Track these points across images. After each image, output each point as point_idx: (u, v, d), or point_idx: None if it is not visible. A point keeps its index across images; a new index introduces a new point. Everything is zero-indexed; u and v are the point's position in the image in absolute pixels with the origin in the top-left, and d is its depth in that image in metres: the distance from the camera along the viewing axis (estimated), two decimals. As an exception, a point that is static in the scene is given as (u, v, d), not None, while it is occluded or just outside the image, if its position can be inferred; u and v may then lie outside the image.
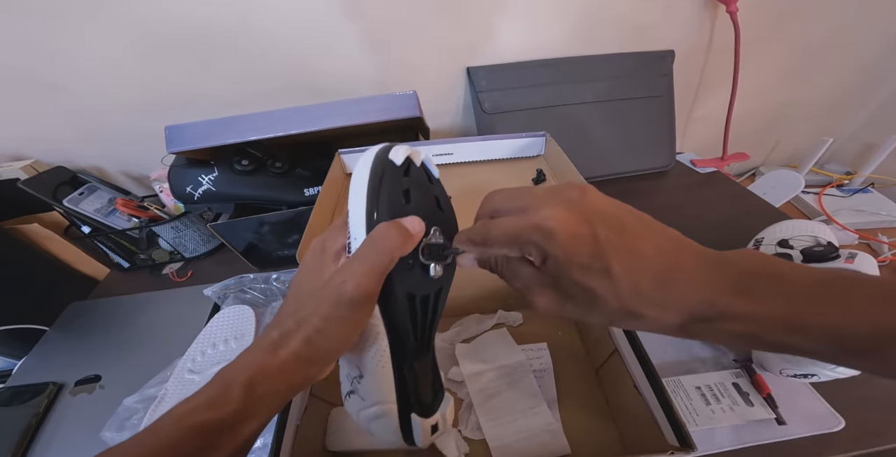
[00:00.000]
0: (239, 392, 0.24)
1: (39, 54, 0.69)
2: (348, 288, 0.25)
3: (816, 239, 0.60)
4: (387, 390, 0.31)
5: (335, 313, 0.25)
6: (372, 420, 0.32)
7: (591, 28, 0.84)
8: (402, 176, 0.30)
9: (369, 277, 0.25)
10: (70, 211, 0.72)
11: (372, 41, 0.78)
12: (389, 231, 0.26)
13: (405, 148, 0.31)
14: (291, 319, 0.26)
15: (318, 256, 0.29)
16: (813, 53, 0.97)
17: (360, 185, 0.29)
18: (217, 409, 0.24)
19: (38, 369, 0.64)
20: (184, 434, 0.23)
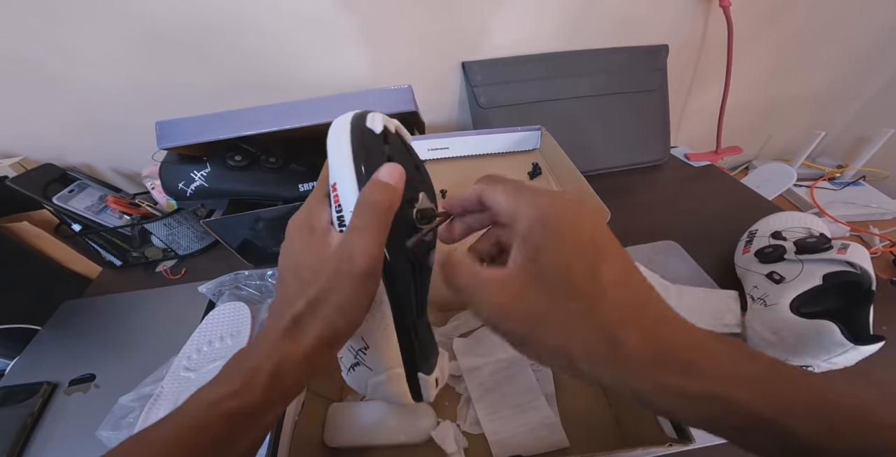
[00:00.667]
0: (265, 381, 0.24)
1: (28, 51, 0.68)
2: (359, 261, 0.24)
3: (809, 230, 0.60)
4: (394, 355, 0.32)
5: (351, 288, 0.25)
6: (380, 386, 0.33)
7: (586, 22, 0.84)
8: (382, 143, 0.30)
9: (373, 244, 0.25)
10: (60, 209, 0.71)
11: (367, 36, 0.77)
12: (376, 193, 0.26)
13: (380, 115, 0.30)
14: (300, 301, 0.25)
15: (308, 235, 0.28)
16: (805, 47, 0.97)
17: (341, 154, 0.28)
18: (244, 397, 0.24)
19: (32, 368, 0.64)
20: (212, 422, 0.23)
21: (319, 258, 0.26)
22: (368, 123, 0.29)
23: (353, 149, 0.28)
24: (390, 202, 0.26)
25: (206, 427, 0.23)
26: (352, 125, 0.29)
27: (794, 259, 0.54)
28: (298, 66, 0.79)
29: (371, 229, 0.25)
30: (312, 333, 0.25)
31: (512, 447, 0.45)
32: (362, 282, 0.25)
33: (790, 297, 0.50)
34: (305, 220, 0.29)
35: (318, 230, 0.28)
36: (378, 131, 0.29)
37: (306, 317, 0.25)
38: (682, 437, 0.34)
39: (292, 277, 0.28)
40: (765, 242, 0.61)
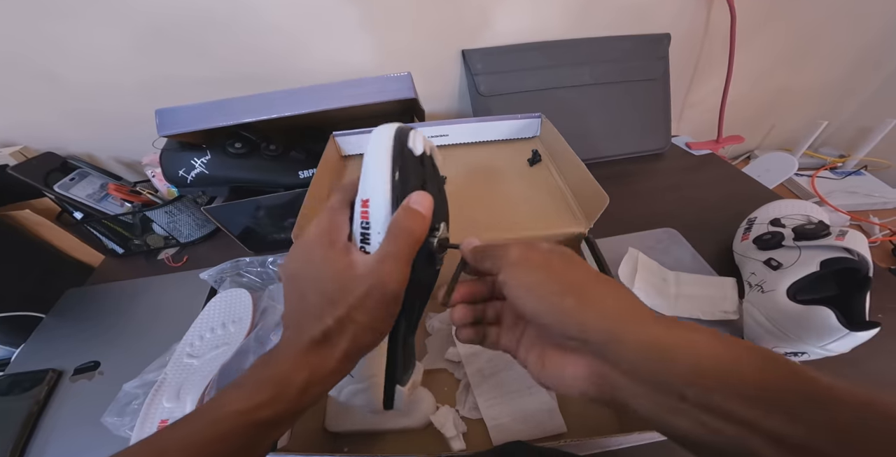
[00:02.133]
0: (296, 393, 0.26)
1: (28, 40, 0.68)
2: (390, 286, 0.27)
3: (808, 218, 0.60)
4: (378, 366, 0.33)
5: (381, 310, 0.27)
6: (356, 394, 0.34)
7: (588, 10, 0.83)
8: (420, 166, 0.30)
9: (404, 273, 0.27)
10: (62, 197, 0.71)
11: (367, 24, 0.76)
12: (410, 221, 0.28)
13: (422, 136, 0.30)
14: (329, 318, 0.26)
15: (328, 248, 0.28)
16: (809, 37, 0.96)
17: (380, 172, 0.28)
18: (274, 407, 0.25)
19: (37, 356, 0.65)
20: (241, 431, 0.24)
21: (347, 277, 0.27)
22: (410, 142, 0.29)
23: (392, 169, 0.28)
24: (423, 232, 0.28)
25: (229, 436, 0.24)
26: (394, 142, 0.29)
27: (792, 246, 0.54)
28: (298, 55, 0.79)
29: (404, 257, 0.27)
30: (341, 349, 0.27)
31: (510, 432, 0.46)
32: (393, 305, 0.28)
33: (787, 283, 0.50)
34: (326, 232, 0.29)
35: (338, 245, 0.29)
36: (418, 154, 0.30)
37: (335, 333, 0.27)
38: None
39: (313, 291, 0.28)
40: (764, 229, 0.61)
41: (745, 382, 0.19)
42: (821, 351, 0.46)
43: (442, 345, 0.55)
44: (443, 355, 0.54)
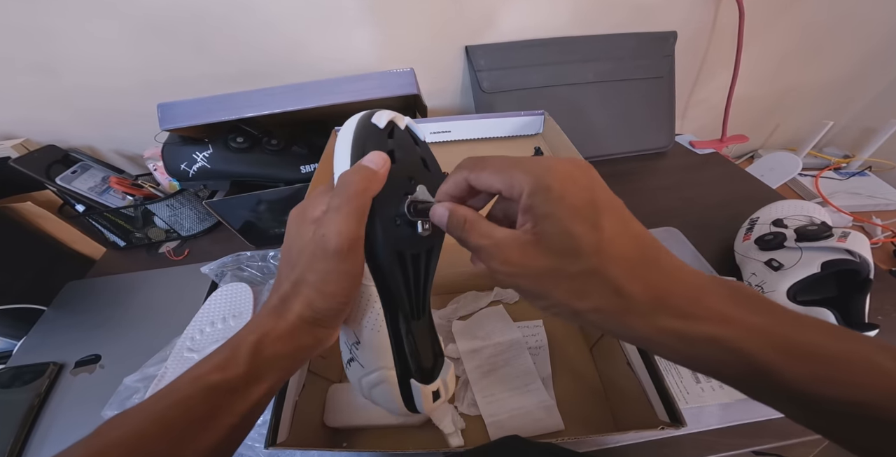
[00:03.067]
0: (246, 355, 0.25)
1: (31, 35, 0.68)
2: (330, 239, 0.25)
3: (811, 218, 0.60)
4: (385, 355, 0.31)
5: (325, 267, 0.26)
6: (373, 387, 0.32)
7: (593, 8, 0.83)
8: (385, 138, 0.30)
9: (347, 223, 0.25)
10: (63, 189, 0.71)
11: (370, 19, 0.76)
12: (353, 174, 0.27)
13: (388, 112, 0.31)
14: (286, 282, 0.27)
15: (300, 223, 0.29)
16: (816, 37, 0.96)
17: (344, 148, 0.29)
18: (225, 371, 0.25)
19: (38, 349, 0.65)
20: (195, 395, 0.24)
21: (303, 242, 0.27)
22: (374, 118, 0.30)
23: (354, 141, 0.29)
24: (367, 184, 0.27)
25: (188, 401, 0.24)
26: (358, 121, 0.30)
27: (793, 247, 0.54)
28: (301, 49, 0.78)
29: (344, 209, 0.26)
30: (293, 311, 0.26)
31: (508, 429, 0.46)
32: (335, 260, 0.26)
33: (788, 284, 0.50)
34: (302, 210, 0.30)
35: (308, 218, 0.29)
36: (381, 126, 0.30)
37: (290, 296, 0.27)
38: (673, 420, 0.35)
39: (284, 262, 0.29)
40: (766, 229, 0.61)
41: None
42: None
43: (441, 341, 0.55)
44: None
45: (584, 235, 0.21)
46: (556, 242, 0.22)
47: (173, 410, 0.23)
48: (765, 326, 0.19)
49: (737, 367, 0.19)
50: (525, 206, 0.23)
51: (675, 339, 0.20)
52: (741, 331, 0.19)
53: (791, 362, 0.18)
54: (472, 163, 0.26)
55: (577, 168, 0.23)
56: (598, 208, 0.21)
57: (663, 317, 0.20)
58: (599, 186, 0.23)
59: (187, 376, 0.25)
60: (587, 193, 0.22)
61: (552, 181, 0.22)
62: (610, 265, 0.21)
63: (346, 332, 0.32)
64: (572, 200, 0.21)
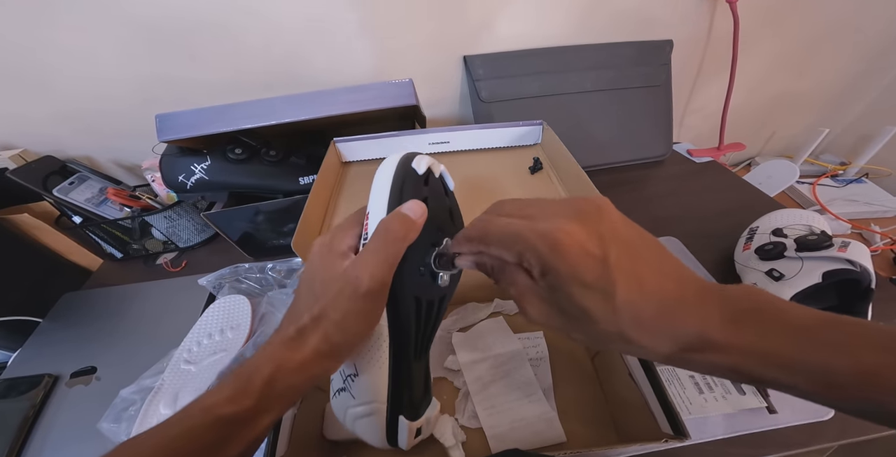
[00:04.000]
0: (259, 387, 0.25)
1: (27, 44, 0.68)
2: (363, 281, 0.26)
3: (810, 228, 0.60)
4: (380, 389, 0.32)
5: (352, 307, 0.27)
6: (358, 419, 0.33)
7: (589, 17, 0.83)
8: (422, 185, 0.32)
9: (381, 268, 0.27)
10: (60, 201, 0.71)
11: (368, 30, 0.76)
12: (393, 222, 0.28)
13: (427, 158, 0.32)
14: (306, 314, 0.27)
15: (326, 254, 0.29)
16: (811, 45, 0.97)
17: (382, 189, 0.30)
18: (238, 403, 0.25)
19: (33, 361, 0.64)
20: (207, 425, 0.24)
21: (328, 275, 0.28)
22: (414, 163, 0.31)
23: (392, 184, 0.30)
24: (405, 233, 0.28)
25: (197, 433, 0.24)
26: (398, 163, 0.31)
27: (794, 256, 0.54)
28: (299, 61, 0.79)
29: (380, 254, 0.27)
30: (310, 345, 0.26)
31: (509, 441, 0.46)
32: (363, 301, 0.27)
33: (789, 294, 0.50)
34: (329, 241, 0.30)
35: (335, 251, 0.29)
36: (420, 173, 0.31)
37: (308, 330, 0.27)
38: (677, 433, 0.34)
39: (305, 292, 0.29)
40: (765, 239, 0.61)
41: None
42: (823, 362, 0.46)
43: (441, 353, 0.55)
44: (442, 363, 0.53)
45: (598, 307, 0.22)
46: (572, 312, 0.23)
47: (182, 439, 0.23)
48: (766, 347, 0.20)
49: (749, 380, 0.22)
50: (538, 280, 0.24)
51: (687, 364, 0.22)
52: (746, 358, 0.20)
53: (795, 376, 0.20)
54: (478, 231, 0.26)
55: (588, 233, 0.22)
56: (611, 278, 0.21)
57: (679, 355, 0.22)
58: (614, 243, 0.22)
59: (199, 406, 0.25)
60: (598, 266, 0.21)
61: (560, 263, 0.21)
62: (625, 328, 0.22)
63: (346, 363, 0.33)
64: (583, 278, 0.21)
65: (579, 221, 0.22)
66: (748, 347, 0.20)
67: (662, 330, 0.22)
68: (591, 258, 0.21)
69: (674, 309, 0.21)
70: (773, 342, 0.20)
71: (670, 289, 0.22)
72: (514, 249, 0.23)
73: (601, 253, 0.21)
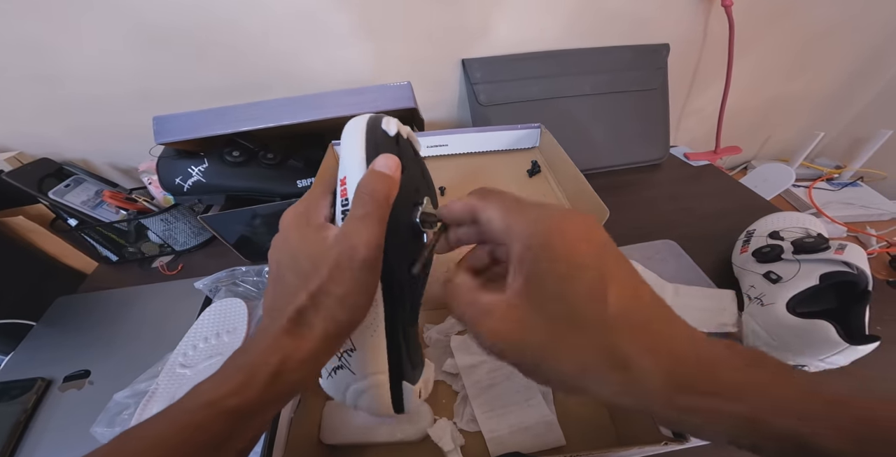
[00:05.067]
0: (266, 379, 0.23)
1: (25, 46, 0.68)
2: (360, 250, 0.24)
3: (807, 231, 0.60)
4: (380, 360, 0.31)
5: (353, 278, 0.25)
6: (362, 393, 0.32)
7: (587, 21, 0.84)
8: (394, 145, 0.31)
9: (373, 233, 0.25)
10: (56, 203, 0.70)
11: (366, 32, 0.77)
12: (374, 182, 0.26)
13: (396, 120, 0.31)
14: (302, 294, 0.25)
15: (304, 227, 0.28)
16: (806, 48, 0.97)
17: (356, 152, 0.29)
18: (244, 396, 0.23)
19: (26, 364, 0.63)
20: (211, 420, 0.22)
21: (319, 250, 0.26)
22: (384, 124, 0.31)
23: (367, 146, 0.29)
24: (388, 191, 0.26)
25: (202, 427, 0.22)
26: (368, 124, 0.30)
27: (791, 259, 0.54)
28: (298, 64, 0.79)
29: (370, 217, 0.25)
30: (319, 329, 0.24)
31: (508, 445, 0.45)
32: (364, 272, 0.25)
33: (787, 296, 0.50)
34: (303, 213, 0.29)
35: (314, 224, 0.28)
36: (392, 134, 0.31)
37: (309, 311, 0.24)
38: (677, 436, 0.34)
39: (290, 271, 0.27)
40: (762, 241, 0.61)
41: None
42: (821, 364, 0.46)
43: (440, 356, 0.54)
44: (441, 366, 0.53)
45: (586, 302, 0.20)
46: (554, 306, 0.20)
47: (186, 435, 0.22)
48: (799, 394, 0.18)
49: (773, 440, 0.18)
50: (519, 257, 0.21)
51: (690, 415, 0.19)
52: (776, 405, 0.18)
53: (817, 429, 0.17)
54: (483, 194, 0.25)
55: (586, 228, 0.21)
56: (604, 276, 0.20)
57: (676, 393, 0.18)
58: (608, 248, 0.21)
59: (198, 400, 0.23)
60: (594, 259, 0.20)
61: (555, 239, 0.20)
62: (618, 339, 0.19)
63: None
64: (575, 262, 0.20)
65: (581, 221, 0.21)
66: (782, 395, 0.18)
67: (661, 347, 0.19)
68: (589, 253, 0.20)
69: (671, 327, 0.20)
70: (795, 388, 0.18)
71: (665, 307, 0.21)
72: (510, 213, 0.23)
73: (598, 253, 0.20)
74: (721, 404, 0.18)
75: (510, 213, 0.23)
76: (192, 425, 0.22)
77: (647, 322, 0.20)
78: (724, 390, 0.18)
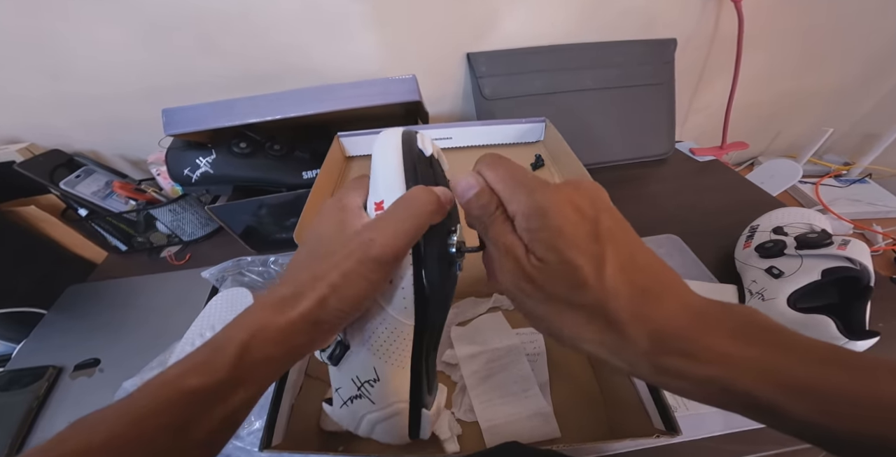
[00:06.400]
0: (232, 356, 0.21)
1: (35, 37, 0.69)
2: (376, 245, 0.24)
3: (811, 226, 0.60)
4: (403, 389, 0.30)
5: (357, 270, 0.24)
6: (379, 423, 0.31)
7: (593, 15, 0.83)
8: (429, 168, 0.30)
9: (399, 237, 0.24)
10: (67, 194, 0.72)
11: (372, 25, 0.77)
12: (426, 194, 0.25)
13: (430, 138, 0.30)
14: (306, 272, 0.24)
15: (337, 211, 0.27)
16: (816, 45, 0.96)
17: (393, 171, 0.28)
18: (206, 374, 0.21)
19: (38, 352, 0.65)
20: (167, 401, 0.20)
21: (339, 232, 0.26)
22: (419, 143, 0.29)
23: (405, 168, 0.28)
24: (433, 210, 0.25)
25: (159, 409, 0.20)
26: (403, 144, 0.28)
27: (794, 254, 0.54)
28: (304, 56, 0.79)
29: (405, 222, 0.24)
30: (299, 308, 0.23)
31: (505, 435, 0.46)
32: (369, 267, 0.24)
33: (788, 291, 0.50)
34: (339, 198, 0.28)
35: (349, 208, 0.27)
36: (428, 154, 0.29)
37: (305, 291, 0.23)
38: (669, 429, 0.35)
39: (306, 251, 0.27)
40: (766, 237, 0.61)
41: None
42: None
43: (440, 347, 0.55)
44: (440, 357, 0.54)
45: (586, 267, 0.21)
46: (560, 272, 0.21)
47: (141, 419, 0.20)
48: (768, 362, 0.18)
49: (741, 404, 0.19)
50: (522, 228, 0.23)
51: (674, 378, 0.20)
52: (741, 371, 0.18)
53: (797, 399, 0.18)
54: (490, 160, 0.26)
55: (581, 195, 0.22)
56: (600, 239, 0.21)
57: (662, 356, 0.20)
58: (605, 212, 0.22)
59: (161, 378, 0.21)
60: (589, 224, 0.21)
61: (550, 207, 0.21)
62: (612, 300, 0.20)
63: (362, 369, 0.30)
64: (572, 231, 0.21)
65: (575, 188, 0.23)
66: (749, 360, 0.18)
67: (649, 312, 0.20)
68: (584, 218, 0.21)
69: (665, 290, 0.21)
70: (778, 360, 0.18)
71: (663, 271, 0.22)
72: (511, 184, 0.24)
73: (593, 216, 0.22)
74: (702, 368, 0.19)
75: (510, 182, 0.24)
76: (145, 409, 0.20)
77: (641, 286, 0.21)
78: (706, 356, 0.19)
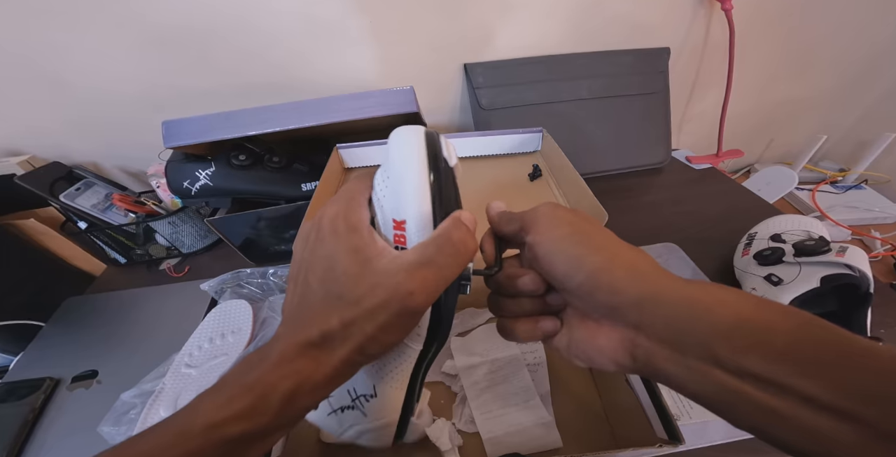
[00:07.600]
0: (278, 404, 0.21)
1: (36, 50, 0.69)
2: (418, 301, 0.22)
3: (808, 233, 0.60)
4: (397, 406, 0.31)
5: (395, 323, 0.23)
6: (366, 433, 0.31)
7: (588, 25, 0.84)
8: (453, 181, 0.28)
9: (439, 287, 0.23)
10: (67, 206, 0.72)
11: (370, 37, 0.78)
12: (472, 240, 0.25)
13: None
14: (334, 318, 0.22)
15: (347, 234, 0.24)
16: (808, 51, 0.97)
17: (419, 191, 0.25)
18: (252, 420, 0.21)
19: (35, 364, 0.64)
20: (212, 446, 0.20)
21: (368, 271, 0.23)
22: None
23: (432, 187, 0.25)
24: (473, 253, 0.25)
25: (208, 451, 0.20)
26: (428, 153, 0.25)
27: (792, 262, 0.54)
28: (302, 68, 0.80)
29: (445, 273, 0.24)
30: (340, 356, 0.22)
31: (506, 446, 0.46)
32: (410, 322, 0.24)
33: (788, 299, 0.50)
34: (343, 214, 0.25)
35: (358, 230, 0.25)
36: (452, 164, 0.27)
37: (337, 337, 0.22)
38: (672, 438, 0.34)
39: (319, 281, 0.24)
40: (764, 244, 0.61)
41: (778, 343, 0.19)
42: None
43: (439, 358, 0.54)
44: (440, 367, 0.53)
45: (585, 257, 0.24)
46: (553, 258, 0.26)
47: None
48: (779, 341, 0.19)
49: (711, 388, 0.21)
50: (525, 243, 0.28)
51: None
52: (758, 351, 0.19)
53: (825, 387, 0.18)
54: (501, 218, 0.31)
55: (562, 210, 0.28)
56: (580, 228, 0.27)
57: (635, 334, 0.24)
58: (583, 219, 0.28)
59: (200, 421, 0.20)
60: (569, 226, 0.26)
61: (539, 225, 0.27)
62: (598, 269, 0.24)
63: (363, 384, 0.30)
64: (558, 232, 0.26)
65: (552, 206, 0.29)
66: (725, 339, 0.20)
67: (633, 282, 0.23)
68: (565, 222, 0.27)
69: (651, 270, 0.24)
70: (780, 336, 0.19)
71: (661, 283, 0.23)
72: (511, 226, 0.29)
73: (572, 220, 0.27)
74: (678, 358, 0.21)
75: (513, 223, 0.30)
76: (188, 451, 0.20)
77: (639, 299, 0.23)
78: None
